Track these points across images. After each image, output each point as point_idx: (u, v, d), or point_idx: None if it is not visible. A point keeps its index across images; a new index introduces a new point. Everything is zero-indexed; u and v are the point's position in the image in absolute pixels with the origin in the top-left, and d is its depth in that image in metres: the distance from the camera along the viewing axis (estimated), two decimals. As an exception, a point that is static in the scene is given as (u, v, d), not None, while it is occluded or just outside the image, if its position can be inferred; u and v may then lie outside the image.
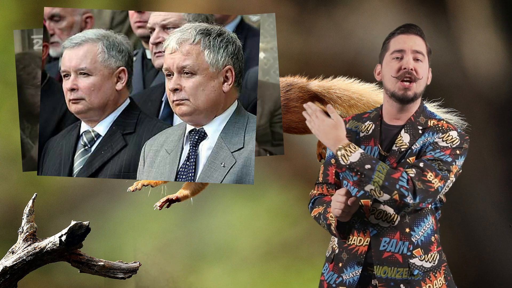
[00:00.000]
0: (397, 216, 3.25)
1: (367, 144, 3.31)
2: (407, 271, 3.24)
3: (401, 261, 3.24)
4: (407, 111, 3.30)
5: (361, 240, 3.28)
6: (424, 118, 3.31)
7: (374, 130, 3.32)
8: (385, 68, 3.31)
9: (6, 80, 4.65)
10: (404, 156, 3.25)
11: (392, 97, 3.29)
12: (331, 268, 3.33)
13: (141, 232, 4.91)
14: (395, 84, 3.27)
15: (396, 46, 3.29)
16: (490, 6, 4.91)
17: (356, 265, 3.28)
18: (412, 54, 3.28)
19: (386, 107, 3.33)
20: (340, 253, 3.31)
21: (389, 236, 3.25)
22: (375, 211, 3.25)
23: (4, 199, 4.84)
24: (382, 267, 3.25)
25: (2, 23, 4.73)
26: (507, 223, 4.90)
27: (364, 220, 3.27)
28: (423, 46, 3.30)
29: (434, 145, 3.24)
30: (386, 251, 3.25)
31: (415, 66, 3.27)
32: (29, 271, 3.54)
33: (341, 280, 3.30)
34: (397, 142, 3.28)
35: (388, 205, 3.22)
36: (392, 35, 3.32)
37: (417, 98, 3.29)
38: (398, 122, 3.31)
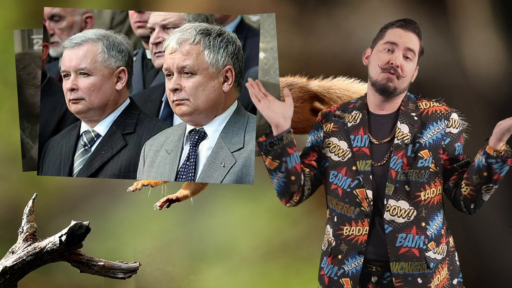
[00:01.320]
0: (413, 210, 3.26)
1: (356, 133, 3.33)
2: (424, 264, 3.26)
3: (418, 255, 3.26)
4: (390, 102, 3.33)
5: (360, 230, 3.28)
6: (412, 104, 3.34)
7: (362, 119, 3.34)
8: (374, 55, 3.33)
9: (6, 80, 4.65)
10: (413, 151, 3.27)
11: (373, 85, 3.32)
12: (330, 262, 3.33)
13: (141, 232, 4.91)
14: (379, 74, 3.30)
15: (391, 37, 3.32)
16: (490, 6, 4.91)
17: (357, 255, 3.27)
18: (403, 50, 3.30)
19: (370, 95, 3.36)
20: (338, 245, 3.31)
21: (406, 232, 3.26)
22: (389, 208, 3.26)
23: (4, 199, 4.84)
24: (399, 263, 3.25)
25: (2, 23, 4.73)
26: (507, 223, 4.90)
27: (361, 209, 3.28)
28: (417, 44, 3.32)
29: (451, 136, 3.31)
30: (403, 246, 3.26)
31: (402, 64, 3.30)
32: (29, 271, 3.53)
33: (342, 271, 3.30)
34: (397, 135, 3.29)
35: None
36: (391, 25, 3.34)
37: (398, 93, 3.31)
38: (383, 112, 3.34)
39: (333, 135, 3.36)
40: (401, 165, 3.27)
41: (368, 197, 3.27)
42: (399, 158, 3.27)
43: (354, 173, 3.29)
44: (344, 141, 3.34)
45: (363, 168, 3.28)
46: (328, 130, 3.38)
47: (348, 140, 3.33)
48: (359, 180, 3.28)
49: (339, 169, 3.32)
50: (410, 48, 3.31)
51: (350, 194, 3.29)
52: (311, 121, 3.69)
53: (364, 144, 3.30)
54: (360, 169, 3.28)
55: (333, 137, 3.36)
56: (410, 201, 3.26)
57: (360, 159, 3.29)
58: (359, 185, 3.28)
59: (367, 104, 3.36)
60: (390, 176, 3.26)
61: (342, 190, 3.31)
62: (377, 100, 3.33)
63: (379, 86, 3.30)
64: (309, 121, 3.71)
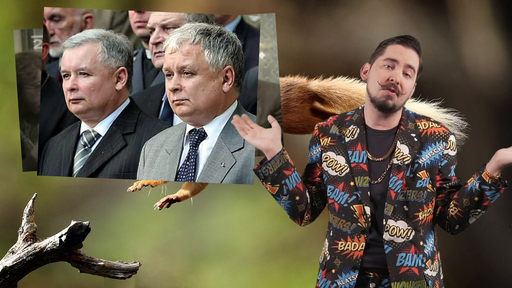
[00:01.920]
0: (411, 230, 3.26)
1: (354, 149, 3.31)
2: (424, 282, 3.27)
3: (418, 274, 3.26)
4: (388, 119, 3.31)
5: (355, 245, 3.27)
6: (412, 123, 3.32)
7: (360, 135, 3.32)
8: (374, 71, 3.31)
9: (6, 80, 4.65)
10: (412, 171, 3.27)
11: (372, 102, 3.30)
12: (323, 275, 3.32)
13: (141, 232, 4.91)
14: (378, 91, 3.28)
15: (391, 54, 3.29)
16: (490, 6, 4.91)
17: (351, 270, 3.27)
18: (403, 67, 3.28)
19: (368, 110, 3.34)
20: (332, 260, 3.30)
21: (405, 251, 3.26)
22: (388, 228, 3.26)
23: (4, 199, 4.84)
24: (400, 282, 3.25)
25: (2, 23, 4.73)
26: (507, 223, 4.90)
27: (358, 225, 3.27)
28: (417, 62, 3.30)
29: (448, 158, 3.30)
30: (403, 266, 3.26)
31: (402, 81, 3.27)
32: (29, 271, 3.53)
33: (335, 286, 3.29)
34: (397, 155, 3.28)
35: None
36: (391, 41, 3.31)
37: (396, 110, 3.30)
38: (381, 128, 3.32)
39: (330, 149, 3.34)
40: (401, 186, 3.26)
41: (366, 213, 3.26)
42: (399, 179, 3.26)
43: (351, 188, 3.28)
44: (341, 156, 3.32)
45: (361, 184, 3.27)
46: (325, 144, 3.35)
47: (346, 155, 3.31)
48: (356, 196, 3.27)
49: (336, 184, 3.30)
50: (410, 65, 3.28)
51: (347, 209, 3.28)
52: (311, 121, 3.69)
53: (362, 160, 3.29)
54: (358, 185, 3.27)
55: (330, 151, 3.34)
56: (408, 221, 3.26)
57: (358, 175, 3.28)
58: (357, 201, 3.27)
59: (364, 118, 3.35)
60: (390, 197, 3.25)
61: (338, 205, 3.30)
62: (375, 116, 3.31)
63: (378, 103, 3.28)
64: (309, 121, 3.71)
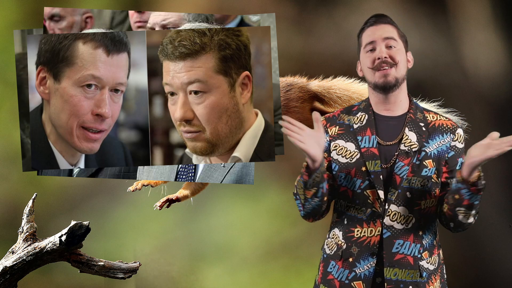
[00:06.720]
0: (411, 218, 3.26)
1: (363, 134, 3.30)
2: (417, 273, 3.25)
3: (412, 263, 3.25)
4: (394, 100, 3.31)
5: (372, 231, 3.26)
6: (420, 114, 3.32)
7: (368, 120, 3.32)
8: (362, 62, 3.33)
9: (6, 80, 4.65)
10: (419, 158, 3.26)
11: (375, 88, 3.30)
12: (340, 265, 3.30)
13: (141, 232, 4.91)
14: (374, 75, 3.29)
15: (367, 39, 3.31)
16: (490, 6, 4.91)
17: (370, 257, 3.25)
18: (383, 42, 3.29)
19: (372, 98, 3.34)
20: (349, 248, 3.27)
21: (403, 238, 3.25)
22: (390, 213, 3.25)
23: (4, 199, 4.84)
24: (393, 269, 3.24)
25: (2, 23, 4.73)
26: (507, 223, 4.90)
27: (373, 210, 3.27)
28: (394, 32, 3.31)
29: (456, 150, 3.29)
30: (398, 253, 3.24)
31: (389, 53, 3.28)
32: (29, 271, 3.53)
33: (354, 274, 3.26)
34: (405, 141, 3.27)
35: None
36: (362, 30, 3.34)
37: (400, 83, 3.29)
38: (389, 113, 3.32)
39: (339, 138, 3.33)
40: (406, 172, 3.26)
41: (380, 198, 3.24)
42: (405, 165, 3.25)
43: (363, 174, 3.26)
44: (351, 143, 3.31)
45: (373, 168, 3.26)
46: (334, 133, 3.34)
47: (355, 141, 3.30)
48: (369, 181, 3.25)
49: (348, 170, 3.29)
50: (388, 37, 3.29)
51: (360, 195, 3.27)
52: (311, 121, 3.69)
53: (372, 145, 3.28)
54: (370, 169, 3.26)
55: (339, 140, 3.33)
56: (410, 208, 3.25)
57: (370, 159, 3.27)
58: (370, 185, 3.27)
59: (371, 105, 3.35)
60: (394, 181, 3.25)
61: (352, 192, 3.28)
62: (381, 100, 3.30)
63: (380, 85, 3.28)
64: (309, 121, 3.69)
